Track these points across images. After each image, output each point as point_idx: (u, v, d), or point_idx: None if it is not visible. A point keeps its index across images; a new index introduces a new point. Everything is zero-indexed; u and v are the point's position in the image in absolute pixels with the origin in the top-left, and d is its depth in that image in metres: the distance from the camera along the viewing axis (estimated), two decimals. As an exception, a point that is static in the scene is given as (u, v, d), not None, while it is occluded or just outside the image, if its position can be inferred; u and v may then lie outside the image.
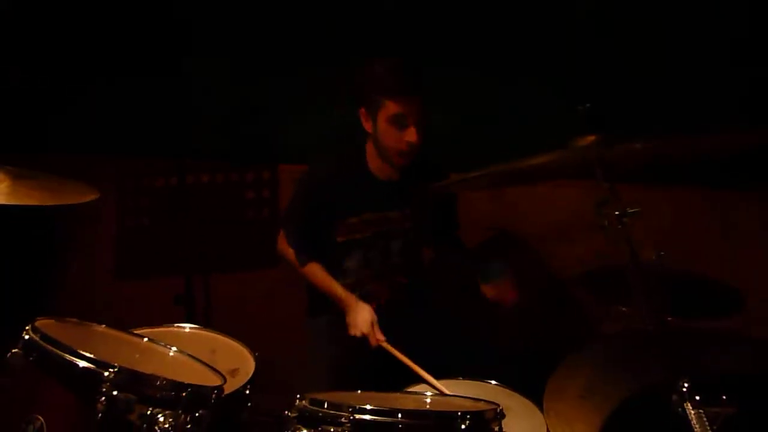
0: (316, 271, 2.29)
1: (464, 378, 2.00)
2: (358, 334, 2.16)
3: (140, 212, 3.02)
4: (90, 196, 1.85)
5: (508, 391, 1.93)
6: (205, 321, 2.95)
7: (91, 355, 1.50)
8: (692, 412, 1.28)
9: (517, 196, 2.71)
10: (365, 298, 2.25)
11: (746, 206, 2.54)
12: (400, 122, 2.09)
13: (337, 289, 2.25)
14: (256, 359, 1.92)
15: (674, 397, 1.33)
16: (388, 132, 2.11)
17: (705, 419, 1.28)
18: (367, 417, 1.49)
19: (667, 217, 2.51)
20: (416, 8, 2.72)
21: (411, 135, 2.08)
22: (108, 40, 2.91)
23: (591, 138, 1.48)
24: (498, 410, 1.59)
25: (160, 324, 2.06)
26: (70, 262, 3.06)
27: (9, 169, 1.83)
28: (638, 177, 2.16)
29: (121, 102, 2.95)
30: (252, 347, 1.98)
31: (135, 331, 1.87)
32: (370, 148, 2.24)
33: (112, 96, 2.95)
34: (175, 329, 2.07)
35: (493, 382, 1.96)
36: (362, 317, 2.17)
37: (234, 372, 1.89)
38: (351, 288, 2.27)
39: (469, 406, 1.65)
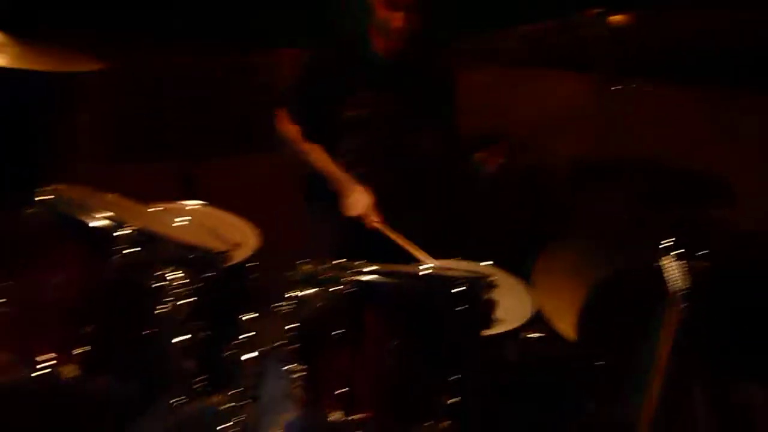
0: (316, 150, 2.32)
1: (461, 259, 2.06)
2: (354, 215, 2.23)
3: (138, 94, 2.98)
4: (94, 66, 1.86)
5: (500, 270, 2.01)
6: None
7: (106, 214, 1.56)
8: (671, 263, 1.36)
9: (516, 85, 2.73)
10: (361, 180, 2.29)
11: (741, 106, 2.56)
12: (393, 5, 2.16)
13: (335, 169, 2.29)
14: (258, 235, 2.00)
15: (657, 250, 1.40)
16: (382, 13, 2.18)
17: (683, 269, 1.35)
18: (367, 278, 1.56)
19: (662, 115, 2.54)
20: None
21: (401, 19, 2.16)
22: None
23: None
24: (491, 281, 1.67)
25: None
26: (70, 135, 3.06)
27: (13, 36, 1.83)
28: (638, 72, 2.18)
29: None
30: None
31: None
32: (373, 29, 2.27)
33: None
34: (179, 205, 2.13)
35: (488, 263, 2.04)
36: (359, 199, 2.22)
37: (237, 245, 1.96)
38: (347, 168, 2.30)
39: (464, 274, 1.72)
